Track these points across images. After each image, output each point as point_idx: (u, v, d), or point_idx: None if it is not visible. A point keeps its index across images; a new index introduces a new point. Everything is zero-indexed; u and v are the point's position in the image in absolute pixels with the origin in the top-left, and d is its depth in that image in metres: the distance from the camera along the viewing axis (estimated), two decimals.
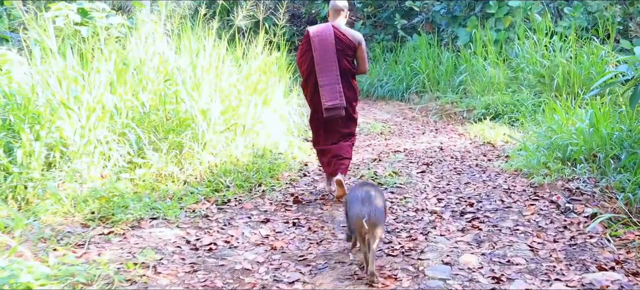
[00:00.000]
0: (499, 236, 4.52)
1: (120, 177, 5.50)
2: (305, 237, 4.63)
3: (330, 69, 5.40)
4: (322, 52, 5.39)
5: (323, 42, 5.41)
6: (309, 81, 5.54)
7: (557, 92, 10.02)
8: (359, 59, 5.59)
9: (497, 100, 10.08)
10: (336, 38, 5.43)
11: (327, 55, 5.39)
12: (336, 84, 5.39)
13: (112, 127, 5.84)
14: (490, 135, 8.43)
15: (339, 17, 5.60)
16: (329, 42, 5.40)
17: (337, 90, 5.39)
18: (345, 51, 5.47)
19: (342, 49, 5.45)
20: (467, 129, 9.25)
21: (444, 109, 11.25)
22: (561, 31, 11.34)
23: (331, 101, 5.38)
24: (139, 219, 4.77)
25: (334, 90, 5.39)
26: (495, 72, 10.91)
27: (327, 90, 5.39)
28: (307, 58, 5.51)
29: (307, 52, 5.51)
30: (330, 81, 5.39)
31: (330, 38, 5.41)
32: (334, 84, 5.39)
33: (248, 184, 5.89)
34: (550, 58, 10.69)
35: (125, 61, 6.53)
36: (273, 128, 7.27)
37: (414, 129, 9.76)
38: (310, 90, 5.57)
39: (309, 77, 5.52)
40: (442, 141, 8.48)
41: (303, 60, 5.55)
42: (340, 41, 5.45)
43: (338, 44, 5.43)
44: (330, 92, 5.38)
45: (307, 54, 5.50)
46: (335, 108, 5.40)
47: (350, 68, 5.54)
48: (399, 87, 13.39)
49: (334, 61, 5.40)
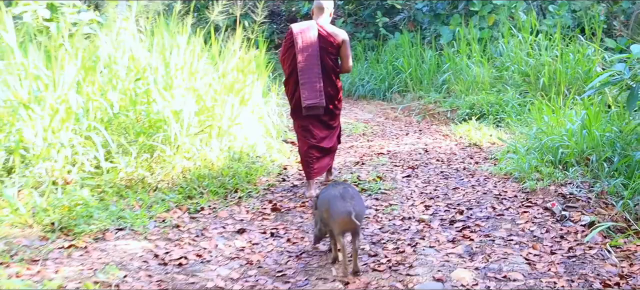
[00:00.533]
0: (492, 248, 4.19)
1: (86, 183, 5.10)
2: (284, 249, 4.27)
3: (312, 67, 5.31)
4: (304, 49, 5.31)
5: (306, 39, 5.33)
6: (291, 79, 5.47)
7: (543, 91, 9.77)
8: (343, 57, 5.50)
9: (482, 100, 9.80)
10: (320, 36, 5.35)
11: (310, 52, 5.31)
12: (317, 83, 5.31)
13: (79, 129, 5.43)
14: (476, 137, 8.13)
15: (323, 14, 5.50)
16: (312, 39, 5.32)
17: (317, 89, 5.31)
18: (328, 49, 5.39)
19: (326, 46, 5.37)
20: (452, 130, 8.95)
21: (427, 108, 10.94)
22: (546, 30, 11.11)
23: (311, 100, 5.31)
24: (103, 230, 4.38)
25: (314, 88, 5.31)
26: (480, 71, 10.62)
27: (307, 89, 5.31)
28: (289, 55, 5.43)
29: (289, 49, 5.43)
30: (311, 79, 5.30)
31: (314, 36, 5.33)
32: (314, 82, 5.31)
33: (223, 190, 5.51)
34: (535, 57, 10.44)
35: (94, 59, 6.12)
36: (251, 130, 6.89)
37: (397, 129, 9.44)
38: (291, 88, 5.50)
39: (291, 74, 5.44)
40: (426, 142, 8.15)
41: (285, 57, 5.48)
42: (323, 39, 5.36)
43: (321, 41, 5.35)
44: (310, 90, 5.31)
45: (290, 51, 5.42)
46: (314, 106, 5.34)
47: (334, 66, 5.46)
48: (381, 86, 13.05)
49: (317, 59, 5.32)
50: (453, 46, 12.21)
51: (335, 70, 5.50)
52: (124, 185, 5.26)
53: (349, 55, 5.52)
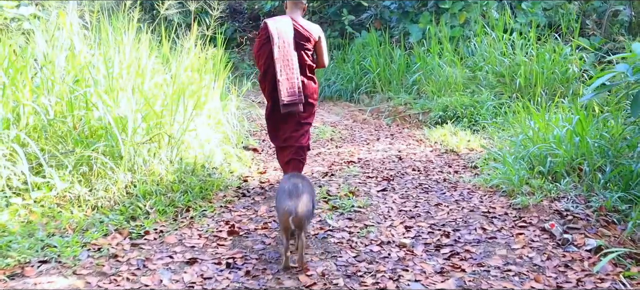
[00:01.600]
0: (489, 280, 3.53)
1: (10, 202, 4.30)
2: (243, 284, 3.53)
3: (289, 64, 5.12)
4: (281, 45, 5.11)
5: (282, 35, 5.12)
6: (267, 75, 5.22)
7: (518, 92, 9.23)
8: (319, 53, 5.39)
9: (456, 102, 9.20)
10: (296, 31, 5.18)
11: (287, 48, 5.12)
12: (295, 79, 5.13)
13: (6, 139, 4.61)
14: (452, 142, 7.51)
15: (297, 9, 5.33)
16: (288, 35, 5.14)
17: (295, 86, 5.12)
18: (304, 45, 5.22)
19: (302, 42, 5.20)
20: (426, 134, 8.32)
21: (397, 110, 10.31)
22: (519, 28, 10.57)
23: (289, 97, 5.12)
24: (23, 264, 3.59)
25: (292, 85, 5.12)
26: (453, 71, 10.02)
27: (286, 85, 5.11)
28: (265, 51, 5.18)
29: (265, 44, 5.18)
30: (289, 76, 5.12)
31: (290, 31, 5.15)
32: (292, 79, 5.12)
33: (173, 209, 4.74)
34: (510, 56, 9.90)
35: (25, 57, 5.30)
36: (207, 137, 6.12)
37: (367, 134, 8.77)
38: (268, 85, 5.25)
39: (267, 71, 5.20)
40: (400, 149, 7.49)
41: (261, 53, 5.22)
42: (299, 34, 5.19)
43: (298, 37, 5.18)
44: (288, 87, 5.12)
45: (266, 46, 5.17)
46: (293, 103, 5.15)
47: (310, 62, 5.31)
48: (348, 87, 12.36)
49: (293, 55, 5.14)
50: (423, 45, 11.60)
51: (312, 66, 5.35)
52: (56, 204, 4.46)
53: (325, 52, 5.39)
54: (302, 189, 3.69)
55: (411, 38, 12.01)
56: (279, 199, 3.71)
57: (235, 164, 6.20)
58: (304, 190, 3.69)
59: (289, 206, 3.54)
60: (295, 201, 3.55)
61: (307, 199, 3.67)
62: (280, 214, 3.64)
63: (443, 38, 10.88)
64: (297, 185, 3.70)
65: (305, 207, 3.62)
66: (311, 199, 3.77)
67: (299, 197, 3.60)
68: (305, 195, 3.68)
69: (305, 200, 3.63)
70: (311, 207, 3.75)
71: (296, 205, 3.54)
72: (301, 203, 3.58)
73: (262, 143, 7.75)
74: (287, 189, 3.68)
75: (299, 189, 3.66)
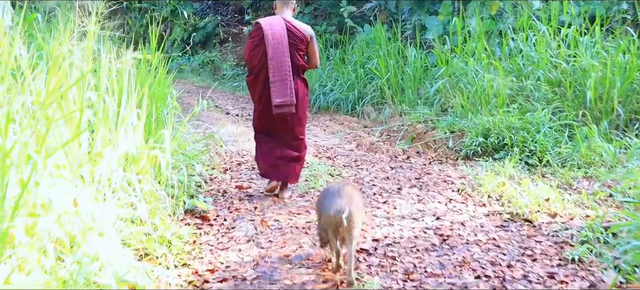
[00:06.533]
0: None
1: None
2: None
3: (283, 64, 4.83)
4: (275, 45, 4.81)
5: (276, 35, 4.83)
6: (260, 77, 4.90)
7: (586, 109, 6.35)
8: (311, 54, 5.06)
9: (500, 123, 6.29)
10: (289, 31, 4.89)
11: (280, 49, 4.82)
12: (288, 80, 4.82)
13: None
14: (518, 199, 4.57)
15: (288, 9, 5.04)
16: (281, 35, 4.85)
17: (288, 87, 4.82)
18: (297, 45, 4.91)
19: (295, 42, 4.90)
20: (469, 178, 5.37)
21: (416, 130, 7.39)
22: (569, 21, 7.65)
23: (281, 98, 4.81)
24: None
25: (285, 86, 4.82)
26: (492, 78, 7.07)
27: (278, 86, 4.81)
28: (259, 52, 4.86)
29: (258, 45, 4.86)
30: (282, 77, 4.82)
31: (283, 31, 4.87)
32: (285, 80, 4.82)
33: None
34: (567, 59, 7.00)
35: None
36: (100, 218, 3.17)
37: (381, 175, 5.69)
38: (260, 86, 4.91)
39: (260, 72, 4.88)
40: (437, 212, 4.47)
41: (254, 54, 4.89)
42: (292, 35, 4.89)
43: (291, 37, 4.88)
44: (281, 88, 4.81)
45: (259, 47, 4.86)
46: (285, 105, 4.83)
47: (303, 63, 5.00)
48: (349, 96, 9.34)
49: (287, 56, 4.84)
50: (445, 42, 8.65)
51: (304, 67, 5.04)
52: None
53: (317, 52, 5.09)
54: (350, 190, 3.39)
55: (428, 33, 9.04)
56: (325, 201, 3.32)
57: (142, 278, 3.24)
58: (352, 191, 3.40)
59: (341, 204, 3.18)
60: (347, 200, 3.22)
61: (358, 200, 3.41)
62: (330, 215, 3.21)
63: (479, 34, 7.91)
64: (345, 186, 3.39)
65: (358, 207, 3.29)
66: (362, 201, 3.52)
67: (349, 196, 3.28)
68: (356, 194, 3.42)
69: (356, 200, 3.34)
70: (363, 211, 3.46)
71: (349, 203, 3.19)
72: (353, 202, 3.25)
73: (221, 199, 4.86)
74: (335, 190, 3.34)
75: (347, 190, 3.34)
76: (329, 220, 3.22)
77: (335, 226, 3.19)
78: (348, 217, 3.12)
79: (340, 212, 3.13)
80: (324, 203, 3.32)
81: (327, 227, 3.27)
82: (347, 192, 3.29)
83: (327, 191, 3.41)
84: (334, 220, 3.18)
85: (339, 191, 3.30)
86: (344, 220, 3.10)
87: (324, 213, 3.27)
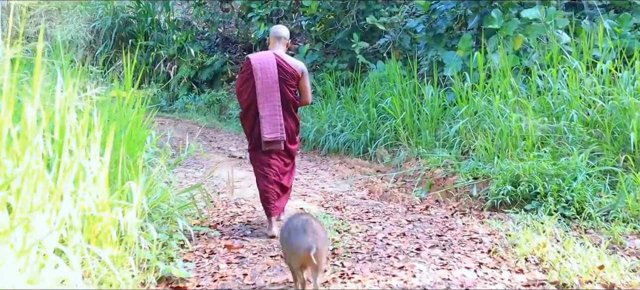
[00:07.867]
0: None
1: None
2: None
3: (272, 100, 4.78)
4: (264, 81, 4.77)
5: (265, 70, 4.78)
6: (249, 112, 4.87)
7: (631, 155, 5.54)
8: (302, 90, 4.98)
9: (531, 169, 5.48)
10: (279, 66, 4.82)
11: (269, 84, 4.77)
12: (277, 116, 4.78)
13: None
14: (561, 262, 3.75)
15: (280, 45, 4.96)
16: (271, 70, 4.79)
17: (278, 122, 4.77)
18: (287, 81, 4.84)
19: (285, 78, 4.83)
20: (501, 238, 4.52)
21: (434, 176, 6.59)
22: (600, 56, 6.88)
23: (271, 134, 4.76)
24: None
25: (275, 122, 4.77)
26: (521, 119, 6.28)
27: (268, 122, 4.76)
28: (248, 87, 4.84)
29: (248, 80, 4.84)
30: (272, 113, 4.77)
31: (273, 66, 4.81)
32: (275, 115, 4.77)
33: None
34: (602, 96, 6.22)
35: None
36: None
37: (397, 232, 4.80)
38: (250, 121, 4.88)
39: (250, 107, 4.85)
40: (465, 283, 3.63)
41: (243, 89, 4.87)
42: (283, 70, 4.82)
43: (281, 73, 4.81)
44: (271, 124, 4.76)
45: (249, 82, 4.83)
46: (275, 141, 4.78)
47: (294, 99, 4.91)
48: (361, 137, 8.55)
49: (276, 91, 4.79)
50: (464, 79, 7.88)
51: (296, 102, 4.95)
52: None
53: (309, 88, 5.01)
54: (315, 225, 3.32)
55: (447, 70, 8.28)
56: (291, 237, 3.28)
57: None
58: (317, 226, 3.33)
59: (308, 242, 3.15)
60: (312, 236, 3.20)
61: (322, 233, 3.35)
62: (297, 251, 3.20)
63: (504, 69, 7.14)
64: (309, 221, 3.33)
65: (323, 242, 3.28)
66: (326, 235, 3.46)
67: (315, 232, 3.25)
68: (319, 228, 3.34)
69: (321, 234, 3.31)
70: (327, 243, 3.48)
71: (315, 239, 3.18)
72: (319, 238, 3.23)
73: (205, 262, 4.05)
74: (299, 225, 3.28)
75: (312, 225, 3.29)
76: (297, 257, 3.23)
77: (303, 262, 3.21)
78: (316, 254, 3.11)
79: (309, 249, 3.12)
80: (289, 240, 3.30)
81: (293, 263, 3.30)
82: (312, 228, 3.26)
83: (292, 227, 3.34)
84: (301, 257, 3.18)
85: (304, 227, 3.26)
86: (313, 258, 3.09)
87: (292, 251, 3.26)
